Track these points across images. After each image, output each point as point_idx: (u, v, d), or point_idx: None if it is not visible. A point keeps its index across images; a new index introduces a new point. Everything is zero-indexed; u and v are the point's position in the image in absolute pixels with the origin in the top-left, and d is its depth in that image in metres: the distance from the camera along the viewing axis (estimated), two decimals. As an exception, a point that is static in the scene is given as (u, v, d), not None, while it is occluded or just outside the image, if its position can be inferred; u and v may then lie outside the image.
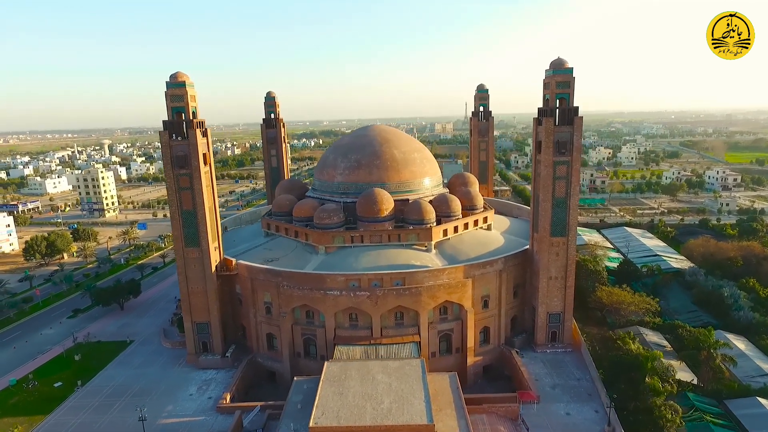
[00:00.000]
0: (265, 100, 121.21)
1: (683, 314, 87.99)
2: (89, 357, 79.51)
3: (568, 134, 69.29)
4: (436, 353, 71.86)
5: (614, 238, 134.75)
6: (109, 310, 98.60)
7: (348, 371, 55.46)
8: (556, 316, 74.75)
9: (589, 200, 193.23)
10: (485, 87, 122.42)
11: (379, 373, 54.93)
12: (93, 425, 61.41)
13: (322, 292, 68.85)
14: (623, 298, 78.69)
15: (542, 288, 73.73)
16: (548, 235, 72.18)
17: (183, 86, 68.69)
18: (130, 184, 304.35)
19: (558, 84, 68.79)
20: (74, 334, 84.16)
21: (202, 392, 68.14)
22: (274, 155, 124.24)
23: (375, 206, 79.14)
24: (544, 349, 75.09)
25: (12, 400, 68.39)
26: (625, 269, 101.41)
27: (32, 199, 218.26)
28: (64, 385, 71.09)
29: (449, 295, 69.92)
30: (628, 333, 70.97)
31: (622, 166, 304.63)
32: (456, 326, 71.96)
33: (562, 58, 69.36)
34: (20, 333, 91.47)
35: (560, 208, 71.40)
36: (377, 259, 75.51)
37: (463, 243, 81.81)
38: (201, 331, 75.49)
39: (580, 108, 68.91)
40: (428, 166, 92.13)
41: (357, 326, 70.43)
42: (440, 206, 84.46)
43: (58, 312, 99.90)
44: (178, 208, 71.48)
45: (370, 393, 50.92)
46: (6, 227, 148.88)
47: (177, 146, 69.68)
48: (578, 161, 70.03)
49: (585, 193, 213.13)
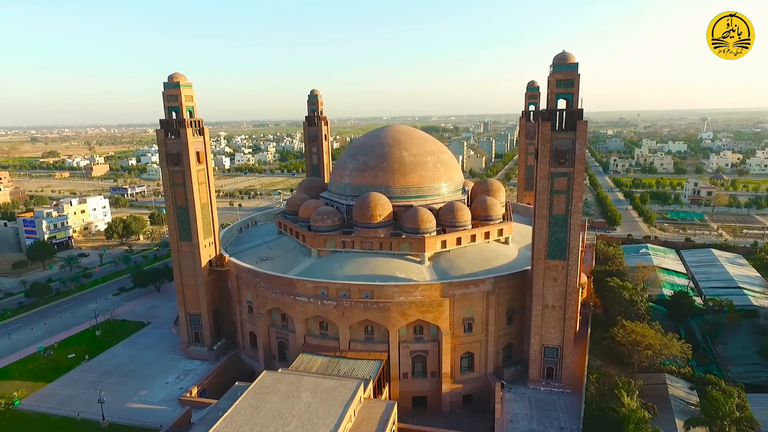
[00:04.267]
0: (309, 98, 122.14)
1: (740, 366, 71.41)
2: (108, 334, 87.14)
3: (570, 141, 59.13)
4: (409, 374, 66.59)
5: (692, 262, 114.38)
6: (146, 292, 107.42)
7: (278, 384, 53.22)
8: (552, 350, 64.87)
9: (684, 214, 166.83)
10: (536, 85, 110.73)
11: (308, 391, 51.86)
12: (75, 399, 66.83)
13: (292, 297, 67.35)
14: (646, 338, 65.61)
15: (536, 317, 64.36)
16: (544, 257, 62.66)
17: (177, 87, 71.21)
18: (228, 173, 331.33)
19: (559, 82, 58.82)
20: (95, 311, 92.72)
21: (178, 382, 70.77)
22: (315, 153, 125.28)
23: (368, 211, 75.44)
24: (538, 386, 65.67)
25: (31, 365, 77.32)
26: (679, 301, 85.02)
27: (140, 184, 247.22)
28: (76, 357, 78.53)
29: (422, 314, 64.13)
30: (633, 381, 58.89)
31: (750, 174, 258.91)
32: (432, 348, 65.93)
33: (567, 51, 59.23)
34: (72, 305, 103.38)
35: (559, 226, 61.43)
36: (361, 267, 72.02)
37: (464, 257, 74.68)
38: (193, 322, 78.48)
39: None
40: (442, 171, 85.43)
41: (327, 336, 67.85)
42: (446, 215, 78.21)
43: (108, 289, 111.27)
44: (173, 204, 74.69)
45: (284, 413, 48.22)
46: (102, 208, 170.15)
47: (171, 144, 72.67)
48: (581, 173, 59.46)
49: (685, 205, 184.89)
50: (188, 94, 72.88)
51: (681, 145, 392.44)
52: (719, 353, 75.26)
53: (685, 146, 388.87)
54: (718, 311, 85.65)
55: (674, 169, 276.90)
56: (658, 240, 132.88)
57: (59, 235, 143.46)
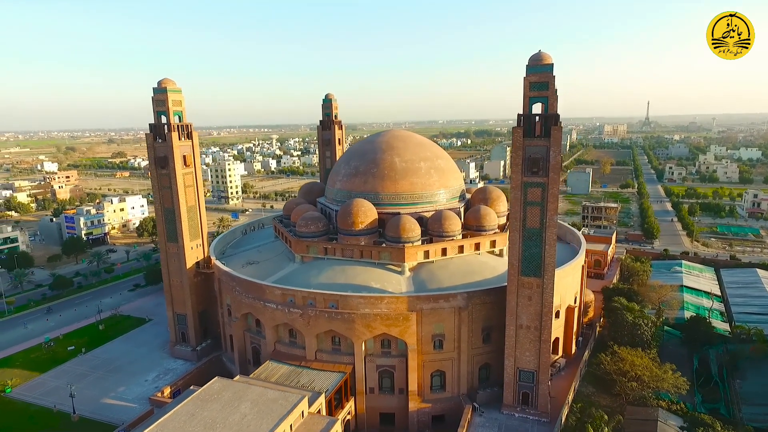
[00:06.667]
0: (323, 102, 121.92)
1: (756, 406, 62.72)
2: (111, 328, 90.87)
3: (544, 149, 54.35)
4: (375, 390, 63.97)
5: (731, 283, 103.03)
6: (158, 289, 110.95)
7: (223, 392, 52.53)
8: (528, 375, 59.91)
9: (736, 228, 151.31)
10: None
11: (249, 401, 50.75)
12: (61, 390, 69.69)
13: (262, 303, 66.78)
14: (634, 368, 58.96)
15: (510, 337, 59.72)
16: (517, 273, 57.99)
17: (165, 92, 72.90)
18: (271, 176, 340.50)
19: (532, 85, 54.20)
20: (99, 306, 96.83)
21: (156, 380, 72.24)
22: (329, 157, 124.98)
23: (349, 218, 73.61)
24: (512, 411, 60.91)
25: (33, 355, 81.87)
26: (695, 327, 76.30)
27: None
28: (74, 350, 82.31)
29: (388, 328, 61.38)
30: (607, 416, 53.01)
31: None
32: (399, 363, 62.95)
33: (543, 52, 54.52)
34: (90, 298, 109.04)
35: (533, 241, 56.58)
36: (338, 275, 70.31)
37: (446, 270, 71.02)
38: (180, 322, 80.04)
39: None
40: (436, 177, 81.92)
41: (295, 344, 66.70)
42: (433, 224, 74.99)
43: (125, 285, 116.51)
44: (161, 205, 76.53)
45: (217, 423, 47.34)
46: (141, 207, 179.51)
47: (159, 147, 74.48)
48: (556, 184, 54.44)
49: (741, 219, 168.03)
50: (176, 99, 74.43)
51: (754, 152, 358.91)
52: (735, 389, 66.61)
53: (759, 153, 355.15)
54: (745, 340, 76.14)
55: (739, 179, 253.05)
56: (696, 257, 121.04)
57: (96, 231, 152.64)
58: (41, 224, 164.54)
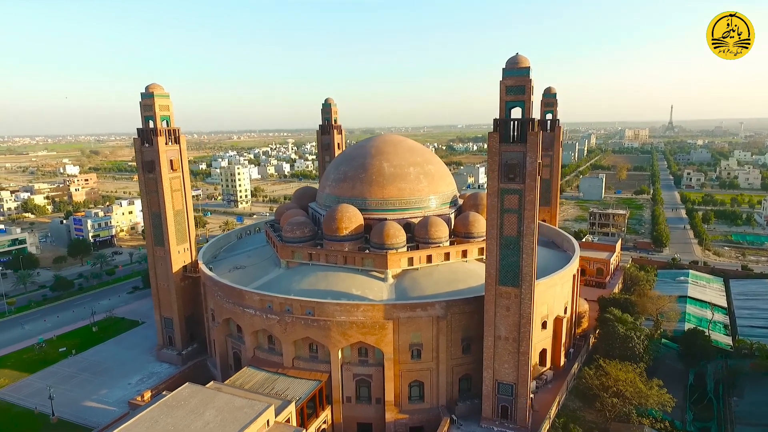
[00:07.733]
0: (323, 107, 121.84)
1: (750, 426, 59.59)
2: (103, 330, 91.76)
3: (521, 155, 52.64)
4: (353, 399, 62.81)
5: (739, 294, 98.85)
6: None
7: (191, 398, 52.02)
8: (507, 388, 58.00)
9: (752, 237, 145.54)
10: (553, 91, 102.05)
11: (215, 408, 50.10)
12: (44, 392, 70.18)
13: (241, 309, 66.38)
14: (617, 383, 56.46)
15: (488, 348, 57.92)
16: (495, 282, 56.25)
17: (152, 97, 73.41)
18: (285, 179, 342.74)
19: (509, 89, 52.54)
20: (93, 309, 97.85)
21: (139, 384, 72.41)
22: (328, 161, 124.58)
23: (334, 223, 72.94)
24: (491, 425, 59.01)
25: (25, 355, 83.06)
26: (691, 340, 73.04)
27: (197, 187, 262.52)
28: (65, 352, 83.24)
29: (364, 336, 60.24)
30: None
31: None
32: (377, 372, 61.71)
33: (520, 55, 52.90)
34: (90, 300, 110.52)
35: (511, 249, 54.82)
36: (320, 281, 69.48)
37: (431, 277, 69.57)
38: (167, 325, 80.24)
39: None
40: (425, 183, 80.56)
41: (274, 351, 66.01)
42: (420, 230, 73.76)
43: (124, 287, 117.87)
44: (149, 209, 76.98)
45: (179, 430, 46.89)
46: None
47: (146, 152, 75.00)
48: (533, 191, 52.61)
49: (758, 227, 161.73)
50: (163, 104, 74.89)
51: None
52: (730, 407, 63.40)
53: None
54: (747, 355, 72.65)
55: (761, 185, 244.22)
56: (706, 266, 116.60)
57: (103, 233, 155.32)
58: (51, 226, 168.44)
